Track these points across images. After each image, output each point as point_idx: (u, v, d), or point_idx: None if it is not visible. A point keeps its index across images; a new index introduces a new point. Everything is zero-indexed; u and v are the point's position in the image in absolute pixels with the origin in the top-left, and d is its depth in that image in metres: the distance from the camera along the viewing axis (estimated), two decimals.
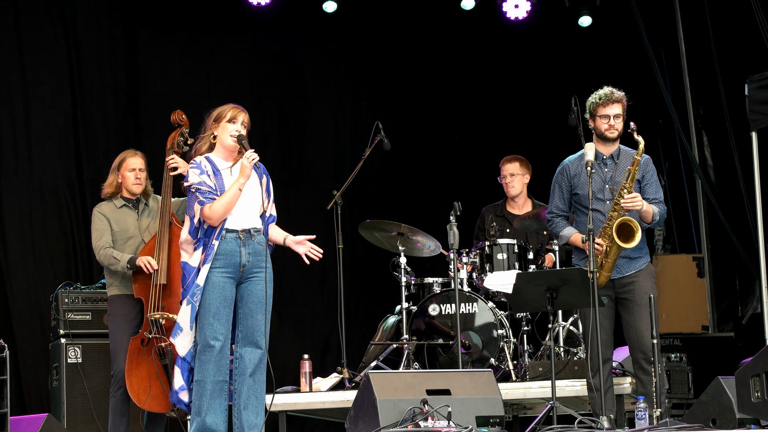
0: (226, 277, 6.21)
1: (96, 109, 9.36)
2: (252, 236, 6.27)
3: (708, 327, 10.03)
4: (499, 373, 7.61)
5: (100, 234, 7.27)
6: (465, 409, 5.97)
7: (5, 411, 5.88)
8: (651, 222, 6.76)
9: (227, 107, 6.36)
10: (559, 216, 6.97)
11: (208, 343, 6.16)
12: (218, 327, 6.17)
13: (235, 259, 6.22)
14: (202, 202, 6.19)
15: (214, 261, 6.18)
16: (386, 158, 9.10)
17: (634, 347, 6.71)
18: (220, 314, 6.18)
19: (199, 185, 6.20)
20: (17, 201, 9.08)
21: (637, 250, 6.76)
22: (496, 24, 10.07)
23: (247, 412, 6.22)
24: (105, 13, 9.46)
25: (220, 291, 6.18)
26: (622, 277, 6.75)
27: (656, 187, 6.83)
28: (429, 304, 7.92)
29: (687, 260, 10.13)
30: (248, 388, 6.23)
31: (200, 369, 6.18)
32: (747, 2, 9.09)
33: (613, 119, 6.76)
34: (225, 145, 6.32)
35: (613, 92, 6.80)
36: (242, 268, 6.24)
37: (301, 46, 10.01)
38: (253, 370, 6.23)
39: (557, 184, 6.96)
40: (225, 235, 6.22)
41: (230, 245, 6.22)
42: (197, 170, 6.24)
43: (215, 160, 6.33)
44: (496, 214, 8.54)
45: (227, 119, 6.31)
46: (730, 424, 6.18)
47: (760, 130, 9.04)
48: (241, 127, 6.32)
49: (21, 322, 8.93)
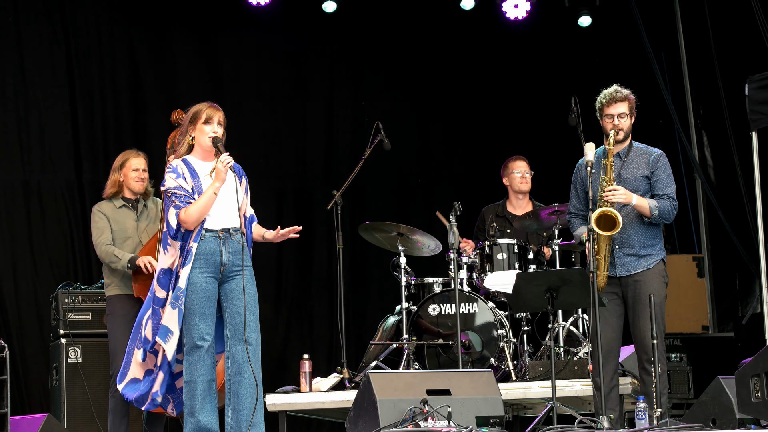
0: (207, 277, 6.20)
1: (96, 110, 9.36)
2: (231, 235, 6.25)
3: (708, 327, 10.03)
4: (499, 373, 7.61)
5: (100, 231, 7.28)
6: (465, 409, 5.97)
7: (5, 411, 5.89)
8: (651, 216, 6.68)
9: (202, 107, 6.31)
10: (577, 216, 6.91)
11: (195, 344, 6.16)
12: (204, 327, 6.17)
13: (215, 259, 6.21)
14: (178, 206, 6.18)
15: (195, 261, 6.18)
16: (386, 158, 9.10)
17: (638, 347, 6.70)
18: (206, 314, 6.19)
19: (175, 189, 6.19)
20: (17, 201, 9.08)
21: (647, 247, 6.72)
22: (496, 24, 10.07)
23: (244, 413, 6.19)
24: (105, 14, 9.45)
25: (203, 291, 6.18)
26: (630, 275, 6.70)
27: (666, 183, 6.74)
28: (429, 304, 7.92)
29: (687, 260, 10.13)
30: (245, 388, 6.21)
31: (189, 370, 6.17)
32: (747, 2, 9.08)
33: (618, 118, 6.69)
34: (203, 146, 6.30)
35: (618, 90, 6.73)
36: (222, 267, 6.23)
37: (301, 46, 10.01)
38: (247, 367, 6.19)
39: (573, 185, 6.92)
40: (204, 234, 6.21)
41: (210, 245, 6.21)
42: (173, 174, 6.22)
43: (193, 161, 6.31)
44: (496, 215, 8.54)
45: (203, 120, 6.28)
46: (730, 424, 6.18)
47: (760, 130, 9.03)
48: (218, 126, 6.29)
49: (21, 322, 8.93)
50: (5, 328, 8.81)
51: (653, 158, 6.75)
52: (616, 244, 6.68)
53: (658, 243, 6.80)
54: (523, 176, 8.47)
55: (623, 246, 6.69)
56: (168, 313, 6.21)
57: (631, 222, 6.68)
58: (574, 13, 10.07)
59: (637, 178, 6.73)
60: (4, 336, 8.23)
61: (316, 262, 9.89)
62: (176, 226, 6.21)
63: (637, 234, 6.71)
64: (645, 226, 6.74)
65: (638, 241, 6.71)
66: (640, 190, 6.70)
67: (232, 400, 6.22)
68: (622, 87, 6.77)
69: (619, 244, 6.68)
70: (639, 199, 6.64)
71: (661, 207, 6.68)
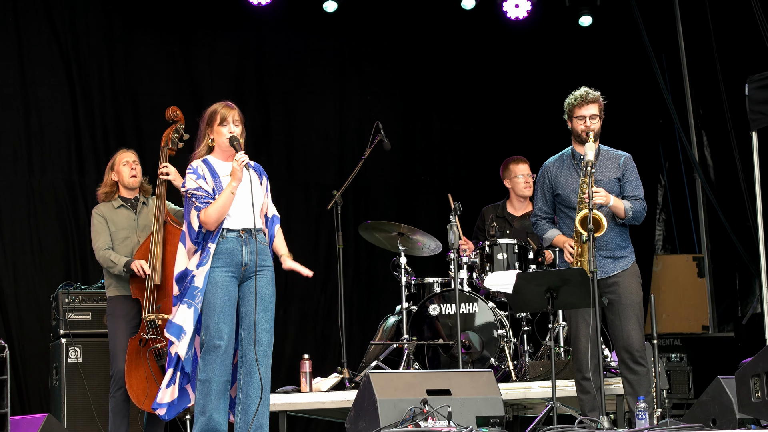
0: (228, 277, 6.20)
1: (95, 110, 9.36)
2: (253, 235, 6.24)
3: (708, 327, 10.03)
4: (499, 373, 7.61)
5: (98, 236, 7.29)
6: (465, 409, 5.97)
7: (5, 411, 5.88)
8: (624, 217, 6.73)
9: (217, 107, 6.33)
10: (543, 218, 6.97)
11: (214, 344, 6.14)
12: (223, 327, 6.16)
13: (236, 258, 6.21)
14: (198, 208, 6.19)
15: (216, 260, 6.17)
16: (386, 158, 9.09)
17: (620, 348, 6.72)
18: (225, 313, 6.17)
19: (195, 191, 6.20)
20: (17, 201, 9.08)
21: (621, 248, 6.77)
22: (497, 24, 10.07)
23: (251, 414, 6.18)
24: (104, 14, 9.45)
25: (224, 290, 6.17)
26: (608, 277, 6.74)
27: (635, 185, 6.80)
28: (429, 304, 7.92)
29: (687, 260, 10.13)
30: (254, 388, 6.19)
31: (205, 369, 6.15)
32: (747, 2, 9.08)
33: (589, 120, 6.74)
34: (222, 147, 6.32)
35: (589, 92, 6.78)
36: (244, 267, 6.23)
37: (301, 46, 10.00)
38: (259, 368, 6.17)
39: (539, 187, 6.98)
40: (225, 234, 6.21)
41: (231, 244, 6.21)
42: (194, 175, 6.24)
43: (214, 162, 6.32)
44: (496, 215, 8.53)
45: (218, 122, 6.29)
46: (730, 424, 6.18)
47: (761, 130, 9.03)
48: (234, 125, 6.30)
49: (21, 322, 8.93)
50: (5, 328, 8.82)
51: (623, 161, 6.81)
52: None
53: (629, 245, 6.87)
54: (526, 180, 8.44)
55: (600, 248, 6.71)
56: (181, 311, 6.18)
57: (607, 224, 6.72)
58: (575, 13, 10.06)
59: (611, 180, 6.79)
60: (4, 336, 8.23)
61: (317, 262, 9.88)
62: (198, 228, 6.21)
63: (612, 236, 6.77)
64: (618, 228, 6.80)
65: (613, 243, 6.78)
66: (613, 192, 6.75)
67: (241, 399, 6.23)
68: (591, 89, 6.81)
69: (596, 246, 6.70)
70: (615, 200, 6.70)
71: (634, 208, 6.75)
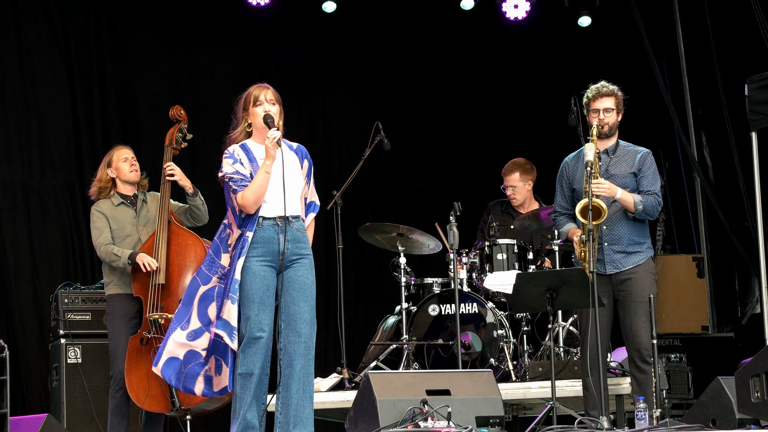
0: (266, 266, 5.97)
1: (95, 110, 9.36)
2: (290, 222, 6.02)
3: (708, 327, 10.02)
4: (499, 373, 7.61)
5: (99, 231, 7.27)
6: (465, 410, 5.97)
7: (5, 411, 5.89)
8: (636, 211, 6.70)
9: (250, 90, 6.14)
10: (562, 214, 6.97)
11: (254, 335, 5.90)
12: (264, 318, 5.93)
13: (273, 247, 5.98)
14: (235, 191, 5.97)
15: (252, 250, 5.94)
16: (386, 158, 9.09)
17: (630, 346, 6.72)
18: (265, 304, 5.94)
19: (232, 174, 5.99)
20: (17, 201, 9.08)
21: (634, 244, 6.75)
22: (496, 24, 10.07)
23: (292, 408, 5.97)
24: (104, 14, 9.45)
25: (261, 280, 5.95)
26: (620, 273, 6.72)
27: (651, 180, 6.78)
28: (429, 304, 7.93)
29: (687, 260, 10.12)
30: (294, 381, 5.96)
31: (245, 362, 5.91)
32: (747, 2, 9.08)
33: (603, 113, 6.74)
34: (259, 129, 6.11)
35: (604, 86, 6.77)
36: (281, 256, 5.98)
37: (301, 46, 10.00)
38: (299, 360, 5.97)
39: (558, 183, 6.99)
40: (262, 222, 5.99)
41: (268, 233, 5.98)
42: (230, 160, 6.02)
43: (252, 146, 6.12)
44: (502, 210, 8.56)
45: (252, 104, 6.10)
46: (730, 425, 6.18)
47: (760, 130, 9.04)
48: (269, 104, 6.11)
49: (21, 322, 8.94)
50: (5, 328, 8.82)
51: (640, 156, 6.81)
52: (605, 240, 6.71)
53: (645, 240, 6.83)
54: (509, 192, 8.46)
55: (612, 243, 6.71)
56: (229, 308, 5.93)
57: (618, 218, 6.73)
58: (574, 14, 10.06)
59: (625, 174, 6.78)
60: (4, 336, 8.23)
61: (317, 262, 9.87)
62: (239, 212, 6.00)
63: (624, 230, 6.75)
64: (631, 222, 6.76)
65: (626, 238, 6.74)
66: (628, 186, 6.74)
67: (282, 393, 5.98)
68: (609, 83, 6.81)
69: (608, 241, 6.70)
70: (623, 194, 6.67)
71: (645, 202, 6.71)
